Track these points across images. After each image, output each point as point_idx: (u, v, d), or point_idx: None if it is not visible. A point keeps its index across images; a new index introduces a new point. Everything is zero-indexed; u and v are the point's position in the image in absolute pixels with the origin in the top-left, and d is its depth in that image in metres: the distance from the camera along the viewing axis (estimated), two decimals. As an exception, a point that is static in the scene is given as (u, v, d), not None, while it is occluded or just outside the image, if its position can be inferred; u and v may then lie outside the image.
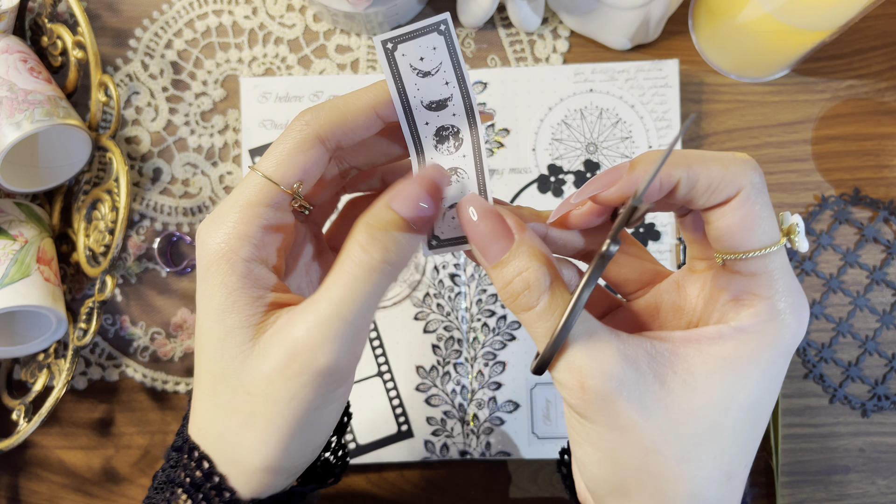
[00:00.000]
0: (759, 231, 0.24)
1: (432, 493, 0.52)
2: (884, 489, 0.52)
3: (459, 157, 0.28)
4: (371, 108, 0.27)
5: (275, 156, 0.27)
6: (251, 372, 0.26)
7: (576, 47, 0.55)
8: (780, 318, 0.25)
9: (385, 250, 0.25)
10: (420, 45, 0.26)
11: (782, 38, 0.48)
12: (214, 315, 0.26)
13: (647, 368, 0.24)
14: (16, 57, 0.48)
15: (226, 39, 0.55)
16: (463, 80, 0.27)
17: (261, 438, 0.26)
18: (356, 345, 0.26)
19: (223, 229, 0.26)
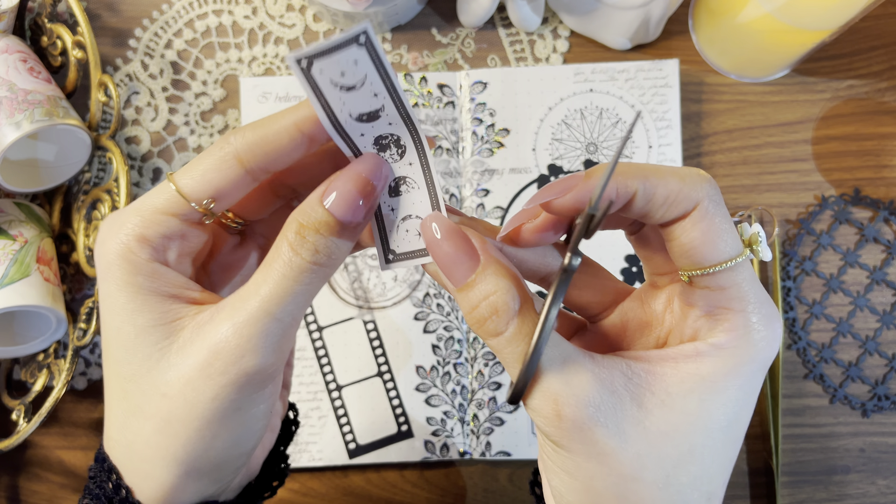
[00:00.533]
0: (723, 243, 0.24)
1: (432, 493, 0.52)
2: (884, 489, 0.52)
3: (405, 165, 0.27)
4: (294, 126, 0.25)
5: (191, 170, 0.26)
6: (167, 371, 0.25)
7: (576, 47, 0.55)
8: (755, 332, 0.24)
9: (314, 252, 0.24)
10: (339, 60, 0.23)
11: (782, 38, 0.48)
12: (122, 314, 0.25)
13: (624, 391, 0.24)
14: (16, 57, 0.48)
15: (226, 39, 0.55)
16: (394, 90, 0.25)
17: (178, 443, 0.25)
18: (284, 343, 0.25)
19: (123, 230, 0.26)
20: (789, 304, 0.53)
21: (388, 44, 0.55)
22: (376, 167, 0.26)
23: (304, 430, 0.50)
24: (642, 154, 0.51)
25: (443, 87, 0.52)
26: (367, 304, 0.51)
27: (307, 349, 0.51)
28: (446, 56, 0.55)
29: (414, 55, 0.55)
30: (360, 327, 0.51)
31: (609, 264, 0.51)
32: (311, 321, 0.51)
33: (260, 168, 0.26)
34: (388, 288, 0.51)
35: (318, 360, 0.51)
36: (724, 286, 0.24)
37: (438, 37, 0.55)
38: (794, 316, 0.53)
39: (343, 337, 0.51)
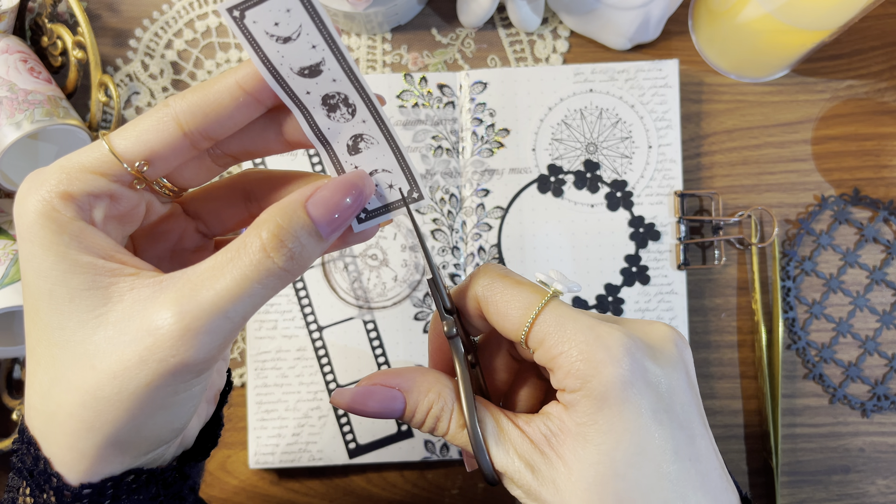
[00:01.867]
0: (513, 310, 0.27)
1: (432, 493, 0.52)
2: (884, 489, 0.52)
3: (359, 122, 0.26)
4: (236, 85, 0.24)
5: (127, 130, 0.24)
6: (101, 344, 0.23)
7: (576, 47, 0.55)
8: (580, 365, 0.25)
9: (289, 258, 0.23)
10: (269, 8, 0.23)
11: (782, 38, 0.48)
12: (53, 276, 0.23)
13: (549, 450, 0.26)
14: (16, 57, 0.48)
15: (226, 39, 0.55)
16: (332, 42, 0.24)
17: (105, 419, 0.23)
18: (229, 340, 0.24)
19: (45, 186, 0.24)
20: (789, 304, 0.53)
21: (388, 44, 0.55)
22: (364, 181, 0.26)
23: (304, 430, 0.51)
24: (642, 154, 0.51)
25: (443, 87, 0.52)
26: (367, 304, 0.51)
27: (307, 349, 0.51)
28: (446, 56, 0.55)
29: (414, 55, 0.55)
30: (360, 327, 0.51)
31: (609, 264, 0.51)
32: (311, 321, 0.51)
33: (200, 132, 0.24)
34: (388, 288, 0.52)
35: (318, 360, 0.51)
36: (541, 339, 0.26)
37: (438, 37, 0.55)
38: (793, 316, 0.53)
39: (343, 337, 0.51)
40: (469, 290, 0.28)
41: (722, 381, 0.53)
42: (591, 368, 0.24)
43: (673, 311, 0.51)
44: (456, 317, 0.28)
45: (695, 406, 0.26)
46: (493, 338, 0.31)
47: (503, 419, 0.27)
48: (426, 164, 0.52)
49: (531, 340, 0.26)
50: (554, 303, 0.26)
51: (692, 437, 0.25)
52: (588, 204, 0.51)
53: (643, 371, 0.25)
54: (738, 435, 0.52)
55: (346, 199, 0.24)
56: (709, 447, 0.26)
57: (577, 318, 0.26)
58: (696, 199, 0.53)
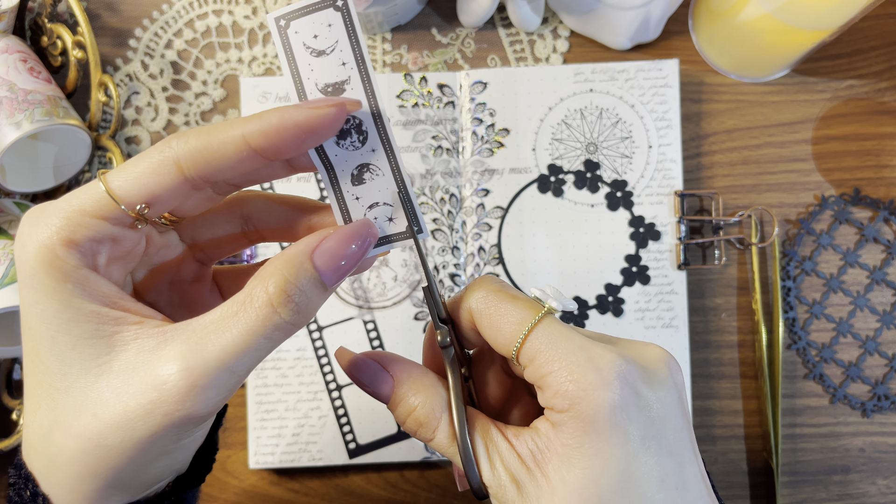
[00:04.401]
0: (507, 325, 0.26)
1: (432, 493, 0.52)
2: (884, 489, 0.52)
3: (368, 151, 0.26)
4: (242, 139, 0.23)
5: (126, 171, 0.24)
6: (104, 392, 0.23)
7: (576, 47, 0.55)
8: (569, 386, 0.24)
9: (296, 311, 0.23)
10: (314, 21, 0.24)
11: (782, 38, 0.48)
12: (56, 324, 0.23)
13: (535, 467, 0.25)
14: (16, 57, 0.48)
15: (226, 39, 0.55)
16: (362, 61, 0.24)
17: (107, 466, 0.23)
18: (233, 392, 0.24)
19: (47, 232, 0.23)
20: (789, 304, 0.53)
21: (388, 44, 0.55)
22: (368, 230, 0.25)
23: (304, 430, 0.50)
24: (642, 154, 0.51)
25: (443, 87, 0.52)
26: (367, 304, 0.51)
27: (307, 349, 0.51)
28: (446, 56, 0.55)
29: (414, 55, 0.55)
30: (360, 327, 0.51)
31: (609, 264, 0.51)
32: (311, 321, 0.51)
33: (201, 177, 0.24)
34: (388, 288, 0.52)
35: (318, 360, 0.51)
36: (532, 356, 0.26)
37: (438, 37, 0.55)
38: (794, 316, 0.53)
39: (343, 337, 0.51)
40: (463, 302, 0.28)
41: (722, 381, 0.53)
42: (580, 390, 0.24)
43: (673, 311, 0.51)
44: (450, 327, 0.28)
45: (686, 432, 0.26)
46: (487, 352, 0.31)
47: (493, 430, 0.27)
48: (426, 164, 0.52)
49: (522, 357, 0.26)
50: (547, 320, 0.26)
51: (681, 464, 0.25)
52: (588, 204, 0.51)
53: (635, 396, 0.24)
54: (738, 435, 0.52)
55: (352, 247, 0.25)
56: (697, 475, 0.25)
57: (570, 338, 0.25)
58: (697, 199, 0.53)
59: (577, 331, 0.26)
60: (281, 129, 0.23)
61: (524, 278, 0.51)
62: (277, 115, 0.23)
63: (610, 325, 0.51)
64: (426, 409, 0.27)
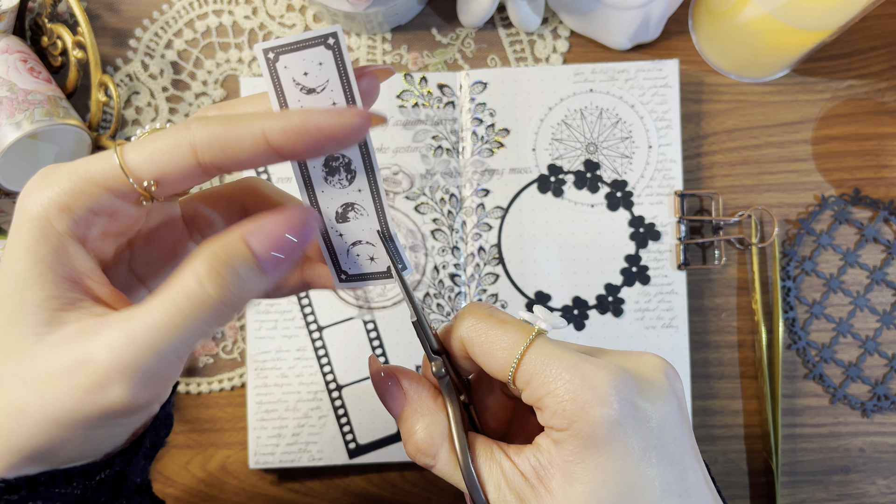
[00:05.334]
0: (499, 350, 0.26)
1: (432, 493, 0.52)
2: (884, 489, 0.52)
3: (354, 191, 0.26)
4: (262, 135, 0.23)
5: (142, 146, 0.24)
6: (34, 361, 0.23)
7: (576, 47, 0.55)
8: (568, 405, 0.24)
9: (224, 288, 0.22)
10: (304, 58, 0.23)
11: (782, 38, 0.48)
12: (14, 281, 0.23)
13: (539, 483, 0.25)
14: (16, 57, 0.48)
15: (226, 39, 0.55)
16: (353, 102, 0.24)
17: (24, 434, 0.23)
18: (162, 380, 0.23)
19: (47, 192, 0.23)
20: (789, 304, 0.53)
21: (388, 44, 0.55)
22: (307, 218, 0.24)
23: (304, 430, 0.50)
24: (642, 154, 0.51)
25: (443, 87, 0.52)
26: (367, 304, 0.51)
27: (307, 349, 0.51)
28: (446, 56, 0.55)
29: (414, 55, 0.55)
30: (360, 327, 0.51)
31: (609, 264, 0.51)
32: (311, 321, 0.51)
33: (213, 165, 0.24)
34: (388, 288, 0.51)
35: (318, 360, 0.51)
36: (528, 379, 0.26)
37: (438, 37, 0.55)
38: (794, 316, 0.53)
39: (343, 337, 0.51)
40: (454, 331, 0.28)
41: (722, 381, 0.53)
42: (577, 408, 0.24)
43: (673, 311, 0.51)
44: (445, 357, 0.28)
45: (687, 439, 0.26)
46: (485, 377, 0.31)
47: (495, 450, 0.27)
48: (426, 164, 0.52)
49: (518, 381, 0.26)
50: (539, 341, 0.26)
51: (683, 471, 0.25)
52: (588, 204, 0.51)
53: (632, 408, 0.24)
54: (738, 435, 0.52)
55: (287, 235, 0.24)
56: (700, 480, 0.26)
57: (563, 357, 0.25)
58: (697, 199, 0.53)
59: (569, 348, 0.26)
60: (302, 131, 0.23)
61: (524, 278, 0.51)
62: (301, 116, 0.23)
63: (610, 325, 0.51)
64: (425, 435, 0.28)
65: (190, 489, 0.52)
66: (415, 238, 0.51)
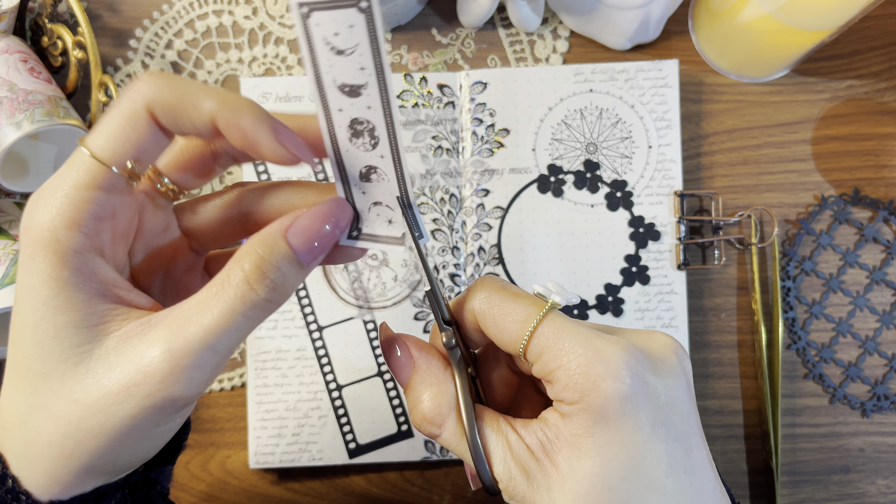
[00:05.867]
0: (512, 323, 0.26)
1: (432, 493, 0.52)
2: (884, 489, 0.52)
3: (377, 156, 0.26)
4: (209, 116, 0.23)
5: (102, 131, 0.23)
6: (84, 378, 0.23)
7: (576, 47, 0.55)
8: (580, 378, 0.25)
9: (272, 289, 0.23)
10: (335, 18, 0.23)
11: (782, 38, 0.48)
12: (42, 310, 0.23)
13: (544, 457, 0.25)
14: (16, 57, 0.48)
15: (226, 39, 0.55)
16: (381, 69, 0.24)
17: (85, 450, 0.24)
18: (215, 374, 0.24)
19: (48, 214, 0.23)
20: (789, 304, 0.53)
21: (388, 44, 0.55)
22: (342, 209, 0.26)
23: (304, 430, 0.51)
24: (642, 154, 0.51)
25: (443, 87, 0.52)
26: (367, 304, 0.51)
27: (307, 349, 0.51)
28: (446, 56, 0.55)
29: (414, 55, 0.55)
30: (360, 327, 0.51)
31: (609, 264, 0.51)
32: (311, 321, 0.51)
33: (175, 131, 0.24)
34: (388, 288, 0.52)
35: (318, 360, 0.51)
36: (539, 352, 0.26)
37: (438, 37, 0.55)
38: (793, 316, 0.53)
39: (343, 337, 0.51)
40: (467, 303, 0.28)
41: (722, 381, 0.53)
42: (589, 382, 0.24)
43: (673, 311, 0.51)
44: (455, 329, 0.28)
45: (693, 417, 0.26)
46: (492, 351, 0.31)
47: (502, 423, 0.27)
48: (426, 164, 0.52)
49: (529, 353, 0.26)
50: (552, 315, 0.26)
51: (689, 449, 0.25)
52: (588, 204, 0.51)
53: (643, 384, 0.25)
54: (738, 435, 0.52)
55: (326, 227, 0.25)
56: (704, 459, 0.26)
57: (576, 331, 0.25)
58: (696, 199, 0.53)
59: (582, 324, 0.26)
60: (242, 135, 0.24)
61: (524, 278, 0.51)
62: (250, 120, 0.23)
63: (610, 325, 0.51)
64: (433, 404, 0.27)
65: (190, 489, 0.52)
66: (415, 238, 0.51)
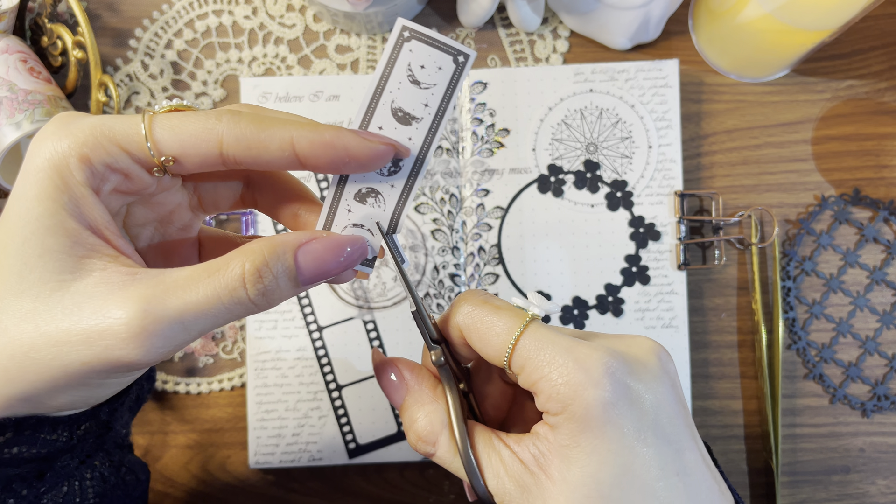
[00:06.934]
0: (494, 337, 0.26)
1: (432, 493, 0.52)
2: (884, 489, 0.52)
3: (387, 184, 0.27)
4: (289, 141, 0.24)
5: (173, 122, 0.24)
6: (53, 308, 0.23)
7: (576, 47, 0.55)
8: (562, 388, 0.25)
9: (262, 293, 0.24)
10: (430, 54, 0.25)
11: (782, 38, 0.48)
12: (32, 227, 0.23)
13: (539, 470, 0.26)
14: (16, 57, 0.48)
15: (226, 39, 0.55)
16: (441, 115, 0.25)
17: (27, 379, 0.23)
18: (175, 351, 0.24)
19: (66, 141, 0.23)
20: (789, 304, 0.53)
21: (388, 44, 0.55)
22: (358, 247, 0.26)
23: (304, 430, 0.50)
24: (642, 154, 0.51)
25: (443, 87, 0.52)
26: (367, 304, 0.51)
27: (307, 349, 0.51)
28: (446, 56, 0.55)
29: (414, 55, 0.55)
30: (360, 327, 0.51)
31: (609, 264, 0.51)
32: (311, 321, 0.51)
33: (236, 160, 0.25)
34: (388, 288, 0.52)
35: (318, 360, 0.51)
36: (522, 364, 0.26)
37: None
38: (793, 316, 0.53)
39: (343, 337, 0.51)
40: (451, 318, 0.28)
41: (722, 381, 0.53)
42: (571, 391, 0.24)
43: (673, 311, 0.51)
44: (444, 346, 0.28)
45: (681, 419, 0.26)
46: (485, 364, 0.31)
47: (494, 440, 0.27)
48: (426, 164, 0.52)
49: (513, 366, 0.26)
50: (533, 326, 0.26)
51: (679, 451, 0.25)
52: (588, 204, 0.51)
53: (625, 389, 0.25)
54: (738, 435, 0.52)
55: (338, 259, 0.25)
56: (698, 459, 0.26)
57: (556, 341, 0.26)
58: (697, 199, 0.53)
59: (563, 333, 0.27)
60: (330, 147, 0.24)
61: (524, 278, 0.51)
62: (333, 132, 0.24)
63: (610, 325, 0.51)
64: (425, 423, 0.28)
65: (190, 489, 0.52)
66: (415, 238, 0.51)
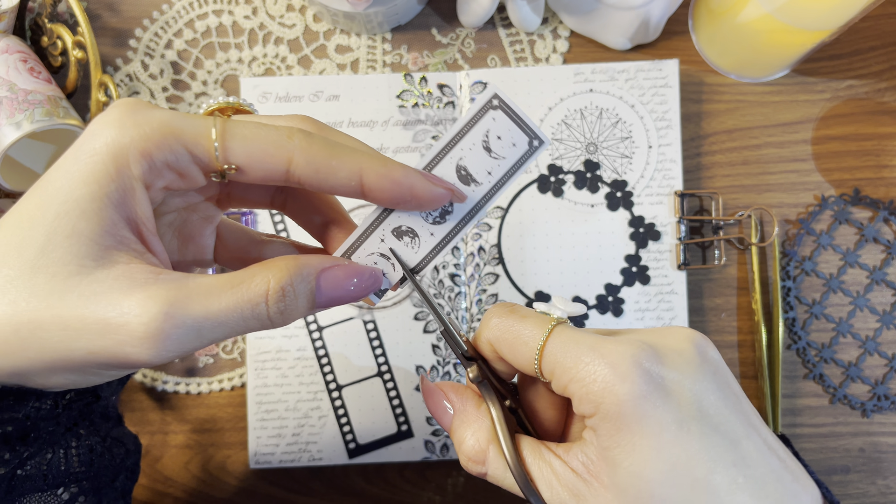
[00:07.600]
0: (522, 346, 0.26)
1: (432, 493, 0.52)
2: (884, 489, 0.52)
3: (426, 230, 0.27)
4: (358, 173, 0.24)
5: (244, 132, 0.24)
6: (70, 291, 0.22)
7: (576, 47, 0.55)
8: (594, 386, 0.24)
9: (282, 311, 0.24)
10: (510, 129, 0.26)
11: (782, 38, 0.48)
12: (69, 206, 0.22)
13: (591, 477, 0.25)
14: (16, 57, 0.48)
15: (226, 39, 0.55)
16: (499, 187, 0.27)
17: (24, 355, 0.23)
18: (181, 355, 0.24)
19: (132, 132, 0.23)
20: (789, 304, 0.53)
21: (388, 44, 0.55)
22: (374, 279, 0.27)
23: (304, 430, 0.50)
24: (642, 154, 0.51)
25: (443, 87, 0.52)
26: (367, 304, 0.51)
27: (307, 349, 0.51)
28: (446, 56, 0.55)
29: (414, 55, 0.55)
30: (360, 327, 0.51)
31: (609, 264, 0.51)
32: (311, 321, 0.51)
33: (300, 180, 0.25)
34: (388, 288, 0.52)
35: (318, 360, 0.51)
36: (552, 370, 0.26)
37: (438, 37, 0.55)
38: (794, 316, 0.53)
39: (343, 337, 0.51)
40: (481, 335, 0.28)
41: (722, 381, 0.53)
42: (601, 389, 0.24)
43: (673, 311, 0.51)
44: (480, 363, 0.28)
45: (732, 406, 0.24)
46: (528, 378, 0.30)
47: (544, 451, 0.26)
48: (426, 164, 0.52)
49: (544, 372, 0.26)
50: (558, 329, 0.26)
51: (734, 440, 0.23)
52: (588, 204, 0.51)
53: (657, 380, 0.23)
54: (738, 435, 0.52)
55: (352, 287, 0.26)
56: (760, 448, 0.24)
57: (581, 341, 0.25)
58: (697, 199, 0.53)
59: (588, 332, 0.26)
60: (396, 184, 0.25)
61: (524, 278, 0.51)
62: (401, 171, 0.25)
63: (610, 325, 0.51)
64: (473, 441, 0.27)
65: (190, 489, 0.52)
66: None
